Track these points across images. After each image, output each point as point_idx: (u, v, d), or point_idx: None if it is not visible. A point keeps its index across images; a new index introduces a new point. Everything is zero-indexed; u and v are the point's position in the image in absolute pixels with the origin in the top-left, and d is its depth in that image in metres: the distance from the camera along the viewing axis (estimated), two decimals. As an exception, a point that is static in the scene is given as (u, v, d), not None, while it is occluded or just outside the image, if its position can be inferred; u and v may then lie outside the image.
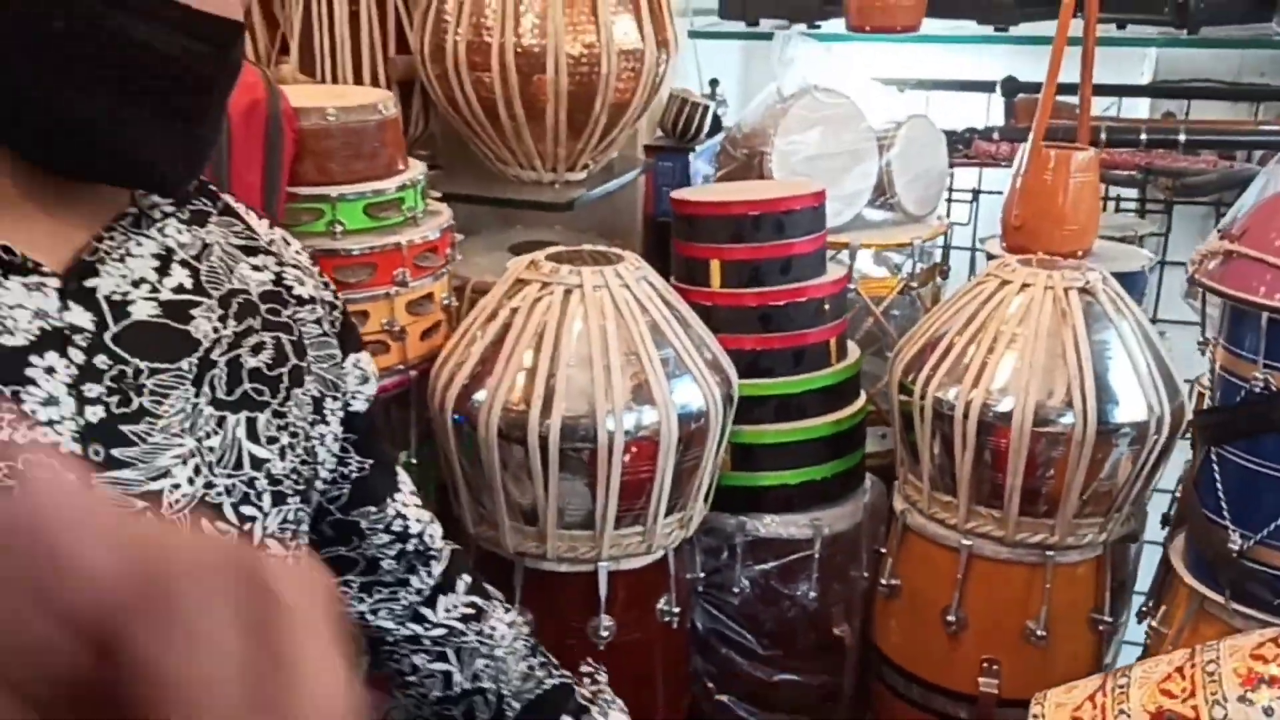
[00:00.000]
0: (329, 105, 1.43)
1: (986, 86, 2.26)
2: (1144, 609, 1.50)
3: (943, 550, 1.53)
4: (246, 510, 0.75)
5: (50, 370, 0.68)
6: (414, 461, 1.54)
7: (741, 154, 1.93)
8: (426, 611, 1.00)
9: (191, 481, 0.72)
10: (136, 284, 0.73)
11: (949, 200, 2.28)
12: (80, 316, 0.70)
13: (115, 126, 0.67)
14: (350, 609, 0.98)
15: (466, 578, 1.03)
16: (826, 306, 1.66)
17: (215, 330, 0.76)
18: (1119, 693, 1.04)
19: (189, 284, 0.76)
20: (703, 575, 1.65)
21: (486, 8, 1.65)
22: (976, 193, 2.29)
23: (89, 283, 0.71)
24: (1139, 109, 2.32)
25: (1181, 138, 1.97)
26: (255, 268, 0.82)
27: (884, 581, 1.61)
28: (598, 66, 1.66)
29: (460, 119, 1.76)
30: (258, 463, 0.76)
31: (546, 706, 1.02)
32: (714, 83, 2.21)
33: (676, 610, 1.52)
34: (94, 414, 0.68)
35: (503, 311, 1.43)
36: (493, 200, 1.84)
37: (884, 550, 1.63)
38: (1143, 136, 1.98)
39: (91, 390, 0.69)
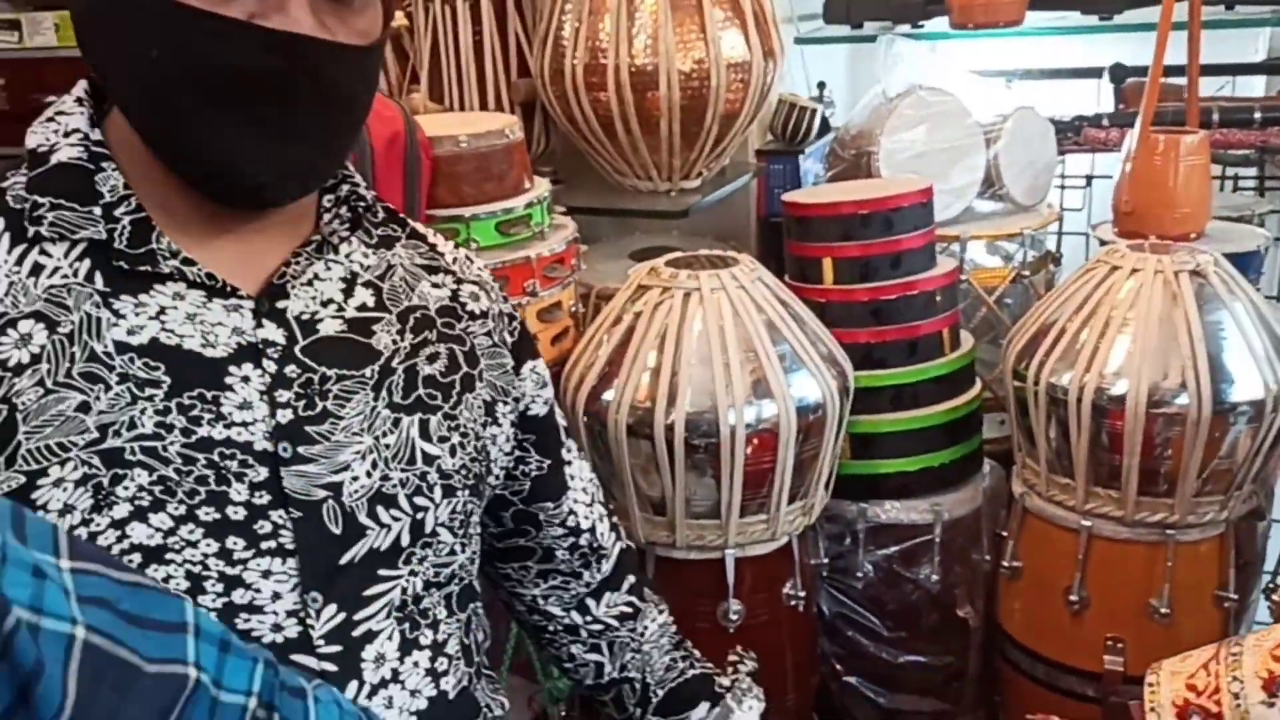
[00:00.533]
0: (460, 133, 1.55)
1: (1094, 73, 2.27)
2: (1269, 585, 1.51)
3: (1063, 531, 1.56)
4: (419, 501, 0.85)
5: (245, 379, 0.79)
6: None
7: (850, 154, 1.99)
8: (591, 604, 1.11)
9: (369, 475, 0.83)
10: (325, 304, 0.85)
11: (1062, 187, 2.30)
12: (273, 333, 0.81)
13: (210, 141, 0.74)
14: (524, 592, 1.10)
15: (631, 578, 1.14)
16: (938, 298, 1.70)
17: (394, 342, 0.87)
18: (1232, 660, 1.07)
19: (371, 302, 0.87)
20: (826, 560, 1.71)
21: (601, 31, 1.75)
22: (1089, 179, 2.30)
23: (280, 304, 0.82)
24: (1255, 87, 2.29)
25: (1297, 114, 1.95)
26: (435, 285, 0.93)
27: (1006, 563, 1.65)
28: (708, 80, 1.74)
29: (579, 136, 1.87)
30: (429, 459, 0.86)
31: (687, 693, 1.14)
32: (821, 85, 2.27)
33: (802, 594, 1.59)
34: (284, 416, 0.80)
35: (627, 316, 1.52)
36: (613, 211, 1.94)
37: (1005, 533, 1.67)
38: (1256, 115, 1.96)
39: (282, 396, 0.80)
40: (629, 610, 1.13)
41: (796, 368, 1.49)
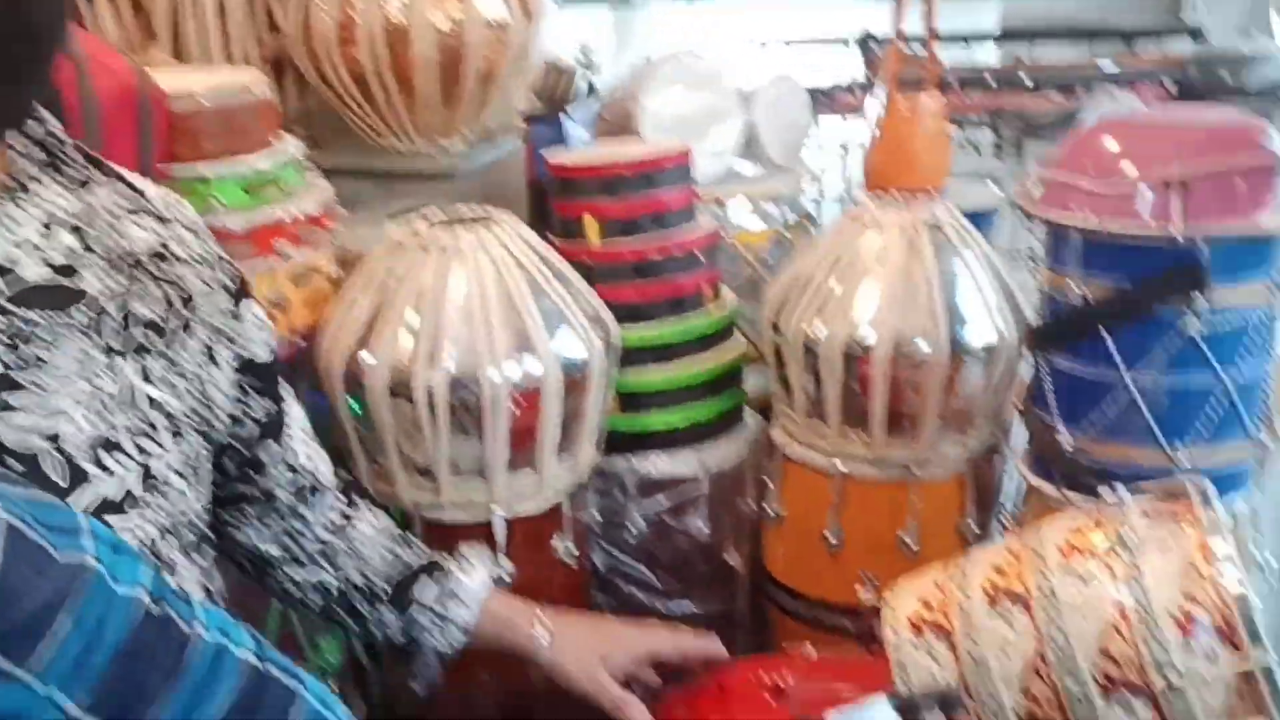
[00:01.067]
0: (200, 88, 1.47)
1: (845, 42, 2.37)
2: (1002, 514, 1.62)
3: (819, 476, 1.63)
4: (146, 445, 0.82)
5: None
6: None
7: (613, 116, 2.01)
8: (304, 529, 1.11)
9: (90, 422, 0.78)
10: (20, 245, 0.79)
11: (820, 151, 2.39)
12: None
13: None
14: (239, 535, 1.08)
15: (340, 496, 1.16)
16: (699, 256, 1.74)
17: (104, 285, 0.83)
18: (960, 575, 1.14)
19: (76, 245, 0.82)
20: (599, 517, 1.73)
21: (352, -16, 1.70)
22: (844, 145, 2.40)
23: None
24: (990, 56, 2.45)
25: (1026, 80, 2.09)
26: (141, 228, 0.89)
27: (769, 510, 1.71)
28: (464, 38, 1.71)
29: (334, 94, 1.81)
30: (153, 403, 0.83)
31: (411, 579, 1.18)
32: (585, 49, 2.28)
33: (575, 551, 1.60)
34: None
35: (384, 275, 1.48)
36: (371, 173, 1.89)
37: (767, 481, 1.73)
38: (990, 81, 2.10)
39: None
40: (340, 521, 1.15)
41: (560, 325, 1.49)
